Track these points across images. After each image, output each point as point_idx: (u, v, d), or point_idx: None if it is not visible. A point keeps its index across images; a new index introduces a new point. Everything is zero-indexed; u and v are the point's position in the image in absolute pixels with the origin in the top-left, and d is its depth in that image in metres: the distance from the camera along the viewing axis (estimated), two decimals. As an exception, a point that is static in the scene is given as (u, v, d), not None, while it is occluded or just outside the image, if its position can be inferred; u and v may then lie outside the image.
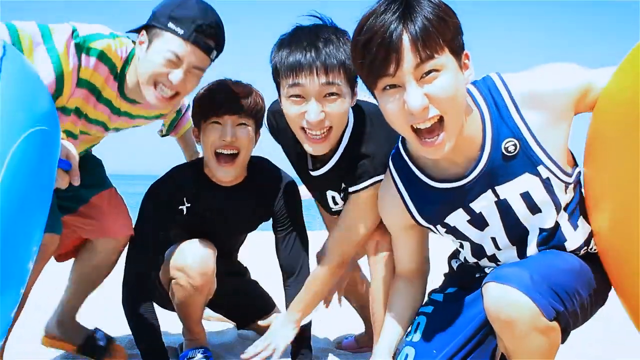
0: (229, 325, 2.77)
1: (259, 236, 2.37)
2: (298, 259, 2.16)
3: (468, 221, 1.52)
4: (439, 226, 1.57)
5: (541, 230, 1.49)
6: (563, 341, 1.45)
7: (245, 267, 2.60)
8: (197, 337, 2.25)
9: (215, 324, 2.77)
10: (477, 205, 1.48)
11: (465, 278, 1.68)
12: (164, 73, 1.75)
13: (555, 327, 1.34)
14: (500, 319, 1.33)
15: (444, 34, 1.25)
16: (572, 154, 1.52)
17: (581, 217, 1.53)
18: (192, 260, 2.06)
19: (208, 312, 2.73)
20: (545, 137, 1.38)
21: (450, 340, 1.56)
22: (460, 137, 1.36)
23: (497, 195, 1.45)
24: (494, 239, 1.54)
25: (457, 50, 1.30)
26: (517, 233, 1.51)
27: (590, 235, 1.53)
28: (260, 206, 2.19)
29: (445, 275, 1.80)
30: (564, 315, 1.36)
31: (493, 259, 1.59)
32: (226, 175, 2.04)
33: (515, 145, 1.38)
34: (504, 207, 1.46)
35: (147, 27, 1.79)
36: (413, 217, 1.58)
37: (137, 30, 1.81)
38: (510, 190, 1.43)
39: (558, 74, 1.39)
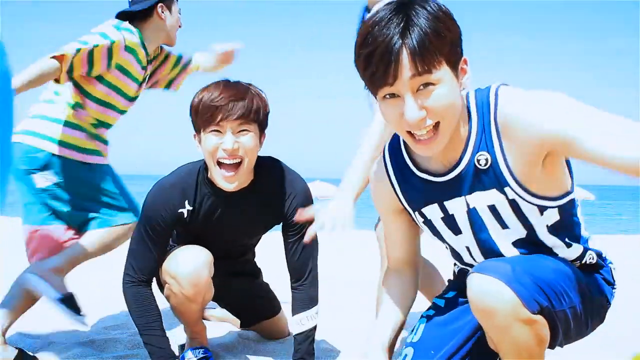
0: (229, 325, 2.77)
1: (271, 236, 2.35)
2: (307, 264, 2.11)
3: (442, 219, 1.54)
4: (417, 213, 1.59)
5: (516, 243, 1.49)
6: (552, 346, 1.45)
7: (259, 269, 2.54)
8: (197, 337, 2.24)
9: (215, 324, 2.76)
10: (450, 206, 1.50)
11: (464, 283, 1.68)
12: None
13: (539, 321, 1.34)
14: (481, 309, 1.34)
15: (442, 49, 1.29)
16: (571, 177, 1.49)
17: (567, 237, 1.51)
18: (183, 270, 2.01)
19: (208, 311, 2.74)
20: (515, 163, 1.39)
21: (448, 340, 1.56)
22: (450, 136, 1.40)
23: (467, 204, 1.47)
24: (468, 249, 1.55)
25: (455, 61, 1.34)
26: (490, 252, 1.52)
27: (585, 251, 1.53)
28: (269, 211, 2.11)
29: (448, 281, 1.81)
30: (550, 311, 1.35)
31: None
32: (229, 186, 1.97)
33: (486, 160, 1.41)
34: (473, 217, 1.48)
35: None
36: (398, 196, 1.60)
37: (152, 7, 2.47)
38: (479, 200, 1.45)
39: (540, 111, 1.33)
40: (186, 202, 2.05)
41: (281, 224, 2.15)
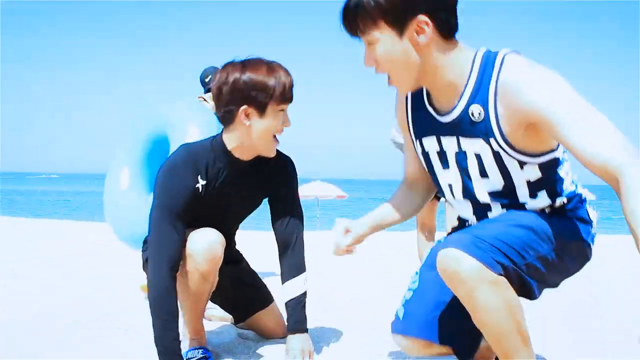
0: (229, 325, 2.78)
1: (260, 236, 2.38)
2: (294, 231, 2.25)
3: (437, 152, 1.68)
4: (417, 142, 1.73)
5: (492, 194, 1.62)
6: (532, 297, 1.56)
7: (241, 254, 2.60)
8: (197, 337, 2.26)
9: (215, 324, 2.78)
10: (444, 142, 1.65)
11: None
12: None
13: (504, 282, 1.44)
14: (449, 280, 1.46)
15: (374, 14, 1.50)
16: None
17: (545, 192, 1.61)
18: (199, 247, 2.08)
19: (208, 312, 2.74)
20: (503, 121, 1.51)
21: (439, 291, 1.67)
22: (442, 81, 1.57)
23: (459, 146, 1.61)
24: (450, 187, 1.69)
25: (398, 21, 1.50)
26: (468, 194, 1.66)
27: (555, 197, 1.62)
28: (266, 182, 2.26)
29: (452, 229, 1.90)
30: (513, 269, 1.46)
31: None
32: (274, 153, 2.17)
33: (480, 113, 1.54)
34: (460, 160, 1.62)
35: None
36: (407, 121, 1.75)
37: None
38: (469, 146, 1.59)
39: (537, 87, 1.45)
40: (199, 177, 2.11)
41: (269, 195, 2.29)
